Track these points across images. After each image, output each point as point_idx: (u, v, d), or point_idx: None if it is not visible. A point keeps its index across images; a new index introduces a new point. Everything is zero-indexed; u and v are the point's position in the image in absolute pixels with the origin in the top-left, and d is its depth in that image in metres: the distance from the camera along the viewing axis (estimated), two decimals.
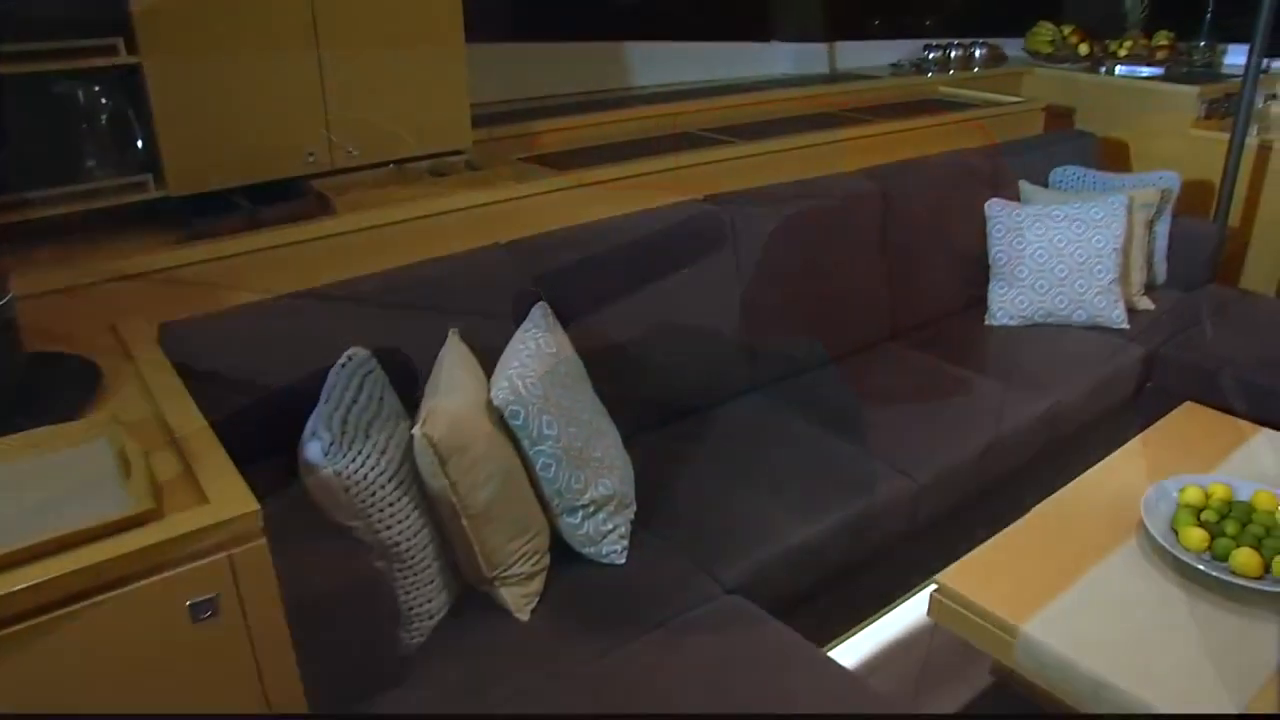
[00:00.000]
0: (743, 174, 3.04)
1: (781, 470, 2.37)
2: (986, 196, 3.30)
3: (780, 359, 2.85)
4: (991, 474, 2.62)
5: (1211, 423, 2.65)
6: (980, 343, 3.11)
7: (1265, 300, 3.71)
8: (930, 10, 4.97)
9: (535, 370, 2.01)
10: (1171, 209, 3.55)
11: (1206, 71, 4.91)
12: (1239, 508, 2.13)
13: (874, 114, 3.68)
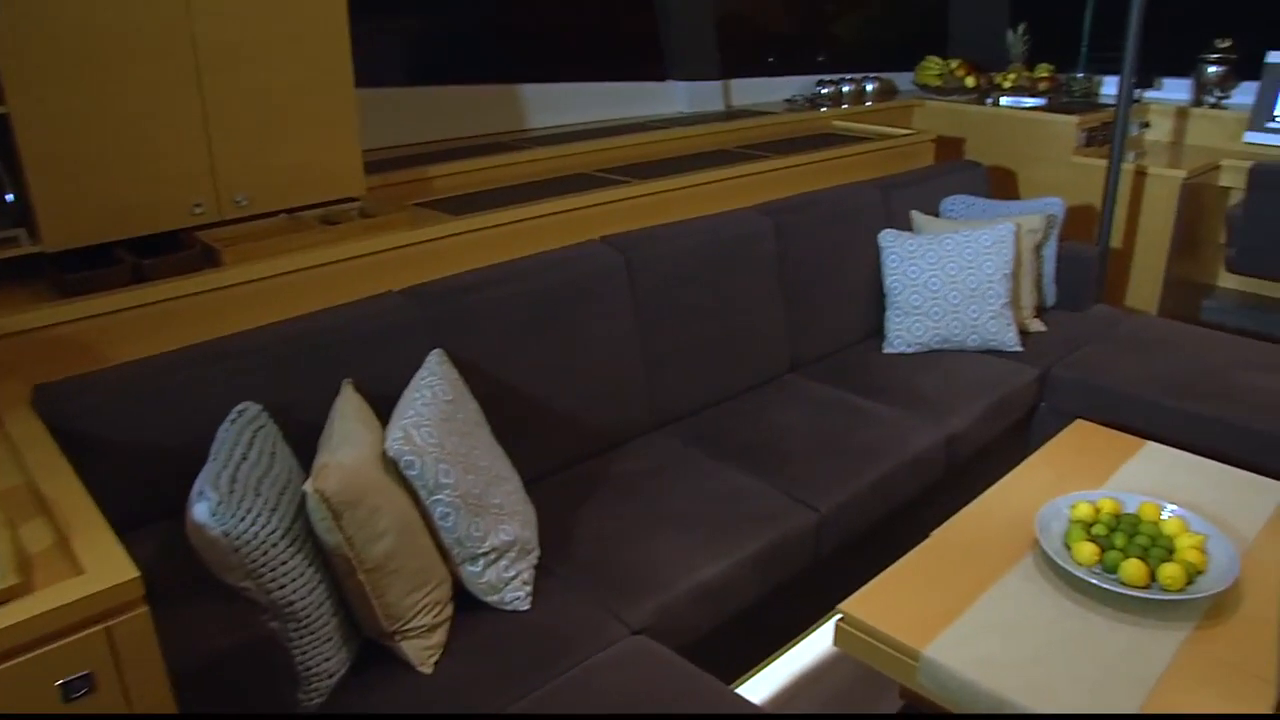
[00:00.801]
0: (640, 213, 3.06)
1: (685, 509, 2.38)
2: (880, 227, 3.37)
3: (682, 397, 2.86)
4: (893, 501, 2.66)
5: (1101, 439, 2.73)
6: (879, 371, 3.16)
7: (1148, 318, 3.85)
8: (822, 47, 5.10)
9: (431, 418, 1.99)
10: (1058, 234, 3.67)
11: (1085, 101, 5.11)
12: (1127, 520, 2.19)
13: (769, 149, 3.74)
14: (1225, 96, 5.18)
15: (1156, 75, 5.41)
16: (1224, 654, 1.89)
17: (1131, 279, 4.51)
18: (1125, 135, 4.17)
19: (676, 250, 2.84)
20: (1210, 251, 4.72)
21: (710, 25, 4.19)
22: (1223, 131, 4.99)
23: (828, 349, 3.30)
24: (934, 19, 5.62)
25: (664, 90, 4.16)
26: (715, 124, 3.92)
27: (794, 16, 5.13)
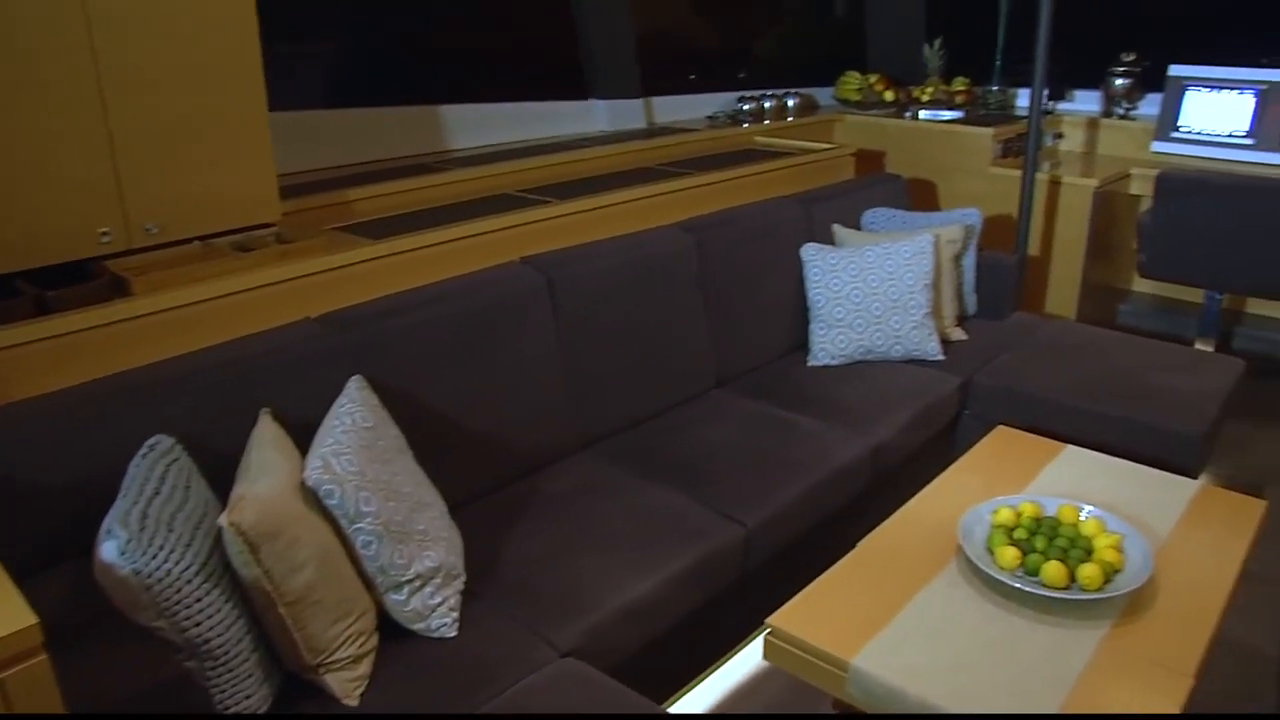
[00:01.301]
0: (562, 233, 3.06)
1: (613, 528, 2.37)
2: (802, 241, 3.41)
3: (608, 416, 2.86)
4: (821, 513, 2.68)
5: (1022, 444, 2.78)
6: (804, 384, 3.19)
7: (1066, 324, 3.93)
8: (744, 63, 5.15)
9: (351, 446, 1.96)
10: (976, 243, 3.74)
11: (1001, 113, 5.24)
12: (1047, 523, 2.23)
13: (692, 166, 3.77)
14: (1133, 108, 5.34)
15: (1068, 87, 5.56)
16: (1140, 649, 1.94)
17: (1050, 286, 4.61)
18: (1039, 146, 4.28)
19: (598, 270, 2.84)
20: (1124, 258, 4.85)
21: (630, 44, 4.21)
22: (1132, 141, 5.14)
23: (753, 364, 3.32)
24: (852, 35, 5.72)
25: (586, 109, 4.17)
26: (637, 142, 3.94)
27: (715, 34, 5.18)
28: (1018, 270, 3.91)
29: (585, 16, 4.03)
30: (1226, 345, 4.83)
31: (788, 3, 5.68)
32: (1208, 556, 2.24)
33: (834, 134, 4.96)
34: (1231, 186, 4.12)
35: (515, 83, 4.01)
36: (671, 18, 4.91)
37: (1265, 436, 4.10)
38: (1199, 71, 4.92)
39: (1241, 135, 4.76)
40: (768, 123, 4.62)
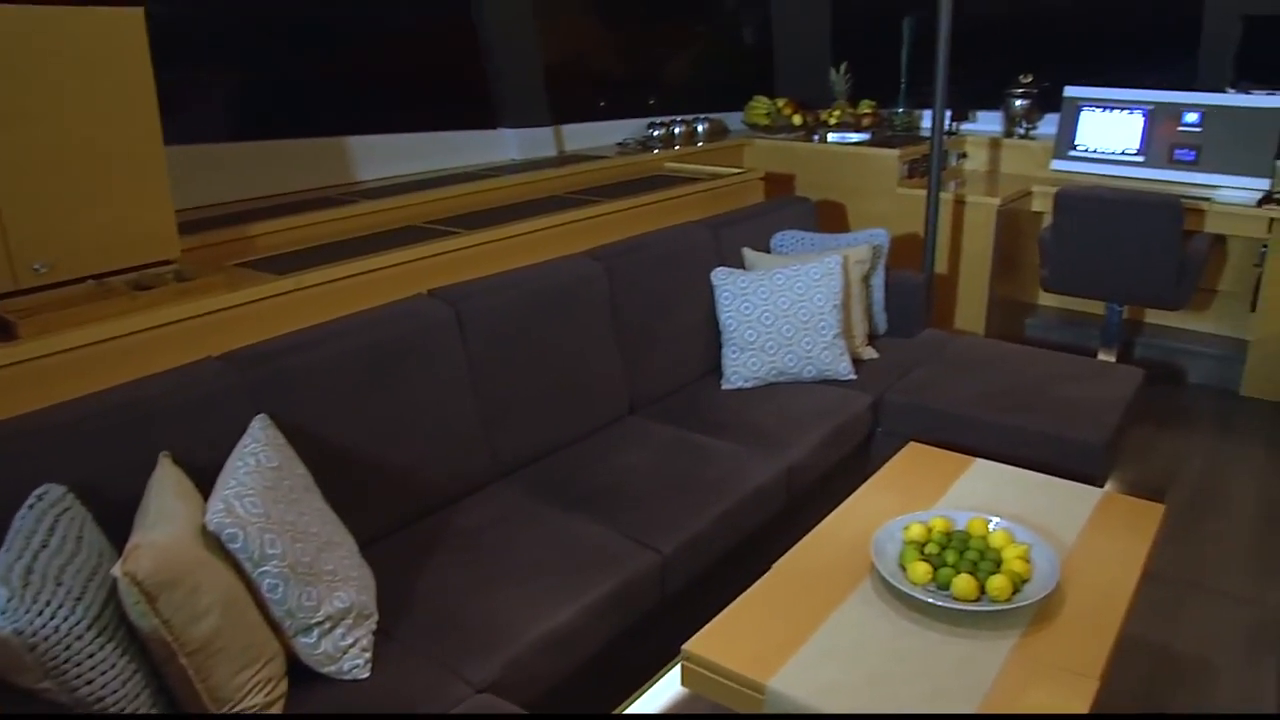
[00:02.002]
0: (471, 264, 3.04)
1: (528, 559, 2.35)
2: (713, 265, 3.43)
3: (521, 446, 2.83)
4: (737, 535, 2.69)
5: (932, 459, 2.82)
6: (718, 408, 3.20)
7: (974, 339, 4.02)
8: (653, 90, 5.20)
9: (255, 487, 1.91)
10: (884, 263, 3.80)
11: (907, 135, 5.36)
12: (957, 537, 2.27)
13: (602, 194, 3.78)
14: (1033, 127, 5.51)
15: (971, 109, 5.71)
16: (1049, 655, 1.97)
17: (958, 302, 4.72)
18: (942, 167, 4.38)
19: (507, 300, 2.82)
20: (1029, 273, 4.98)
21: (539, 72, 4.22)
22: (1032, 160, 5.30)
23: (667, 389, 3.33)
24: (760, 60, 5.81)
25: (495, 138, 4.17)
26: (547, 170, 3.94)
27: (624, 61, 5.23)
28: (925, 288, 3.99)
29: (493, 45, 4.03)
30: (1128, 354, 4.99)
31: (697, 29, 5.75)
32: (1111, 562, 2.30)
33: (744, 158, 5.03)
34: (1123, 202, 4.27)
35: (423, 112, 3.98)
36: (580, 45, 4.94)
37: (1166, 441, 4.23)
38: (1092, 92, 5.10)
39: (1133, 153, 4.94)
40: (678, 148, 4.66)
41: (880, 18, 6.06)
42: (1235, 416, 4.56)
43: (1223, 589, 3.18)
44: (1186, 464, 4.04)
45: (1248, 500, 3.76)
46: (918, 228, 4.41)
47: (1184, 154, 4.84)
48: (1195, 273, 4.32)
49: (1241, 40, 5.15)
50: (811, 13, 5.70)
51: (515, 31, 4.06)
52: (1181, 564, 3.29)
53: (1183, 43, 5.29)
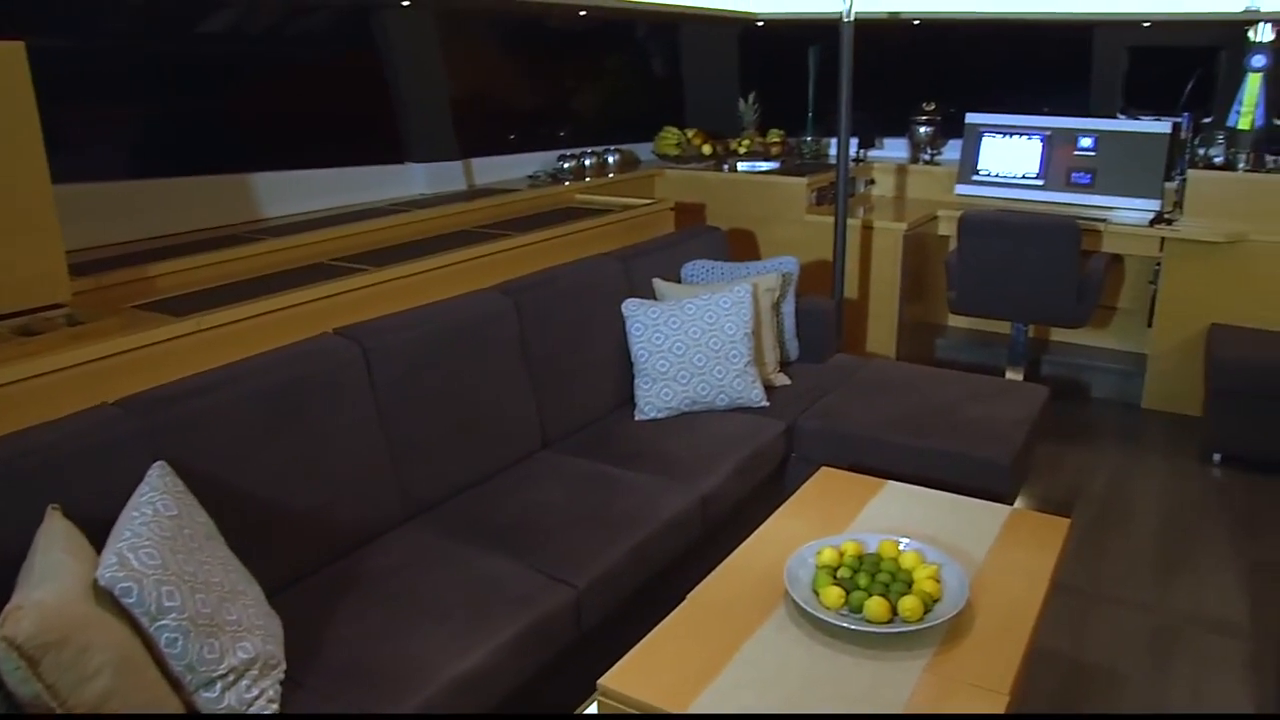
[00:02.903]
0: (379, 301, 3.01)
1: (440, 600, 2.30)
2: (623, 297, 3.43)
3: (433, 485, 2.79)
4: (652, 567, 2.68)
5: (844, 483, 2.85)
6: (632, 439, 3.20)
7: (885, 362, 4.08)
8: (564, 122, 5.22)
9: (152, 538, 1.85)
10: (794, 290, 3.85)
11: (816, 162, 5.45)
12: (869, 560, 2.29)
13: (512, 227, 3.77)
14: (938, 153, 5.66)
15: (878, 136, 5.85)
16: (960, 673, 2.00)
17: (869, 326, 4.80)
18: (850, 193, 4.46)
19: (415, 337, 2.79)
20: (938, 295, 5.09)
21: (446, 106, 4.21)
22: (938, 185, 5.44)
23: (580, 422, 3.32)
24: (670, 91, 5.87)
25: (403, 173, 4.14)
26: (457, 204, 3.92)
27: (534, 93, 5.24)
28: (835, 314, 4.05)
29: (399, 80, 4.00)
30: (1035, 372, 5.12)
31: (607, 61, 5.79)
32: (1019, 577, 2.34)
33: (655, 189, 5.06)
34: (1023, 224, 4.40)
35: (329, 148, 3.94)
36: (489, 78, 4.94)
37: (1073, 456, 4.33)
38: (993, 119, 5.26)
39: (1033, 177, 5.10)
40: (589, 180, 4.68)
41: (787, 48, 6.17)
42: (1137, 429, 4.70)
43: (1128, 598, 3.26)
44: (1092, 477, 4.14)
45: (1150, 510, 3.87)
46: (827, 254, 4.47)
47: (1080, 177, 5.01)
48: (1095, 291, 4.46)
49: (1128, 69, 5.37)
50: (719, 44, 5.78)
51: (421, 65, 4.04)
52: (1089, 576, 3.37)
53: (1076, 71, 5.49)
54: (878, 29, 5.31)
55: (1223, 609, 3.20)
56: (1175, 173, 4.80)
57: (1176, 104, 5.13)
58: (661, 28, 5.69)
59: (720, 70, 5.86)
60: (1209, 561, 3.48)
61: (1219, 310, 4.53)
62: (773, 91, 5.85)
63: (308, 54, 3.99)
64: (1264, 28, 4.46)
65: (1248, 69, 4.53)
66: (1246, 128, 4.59)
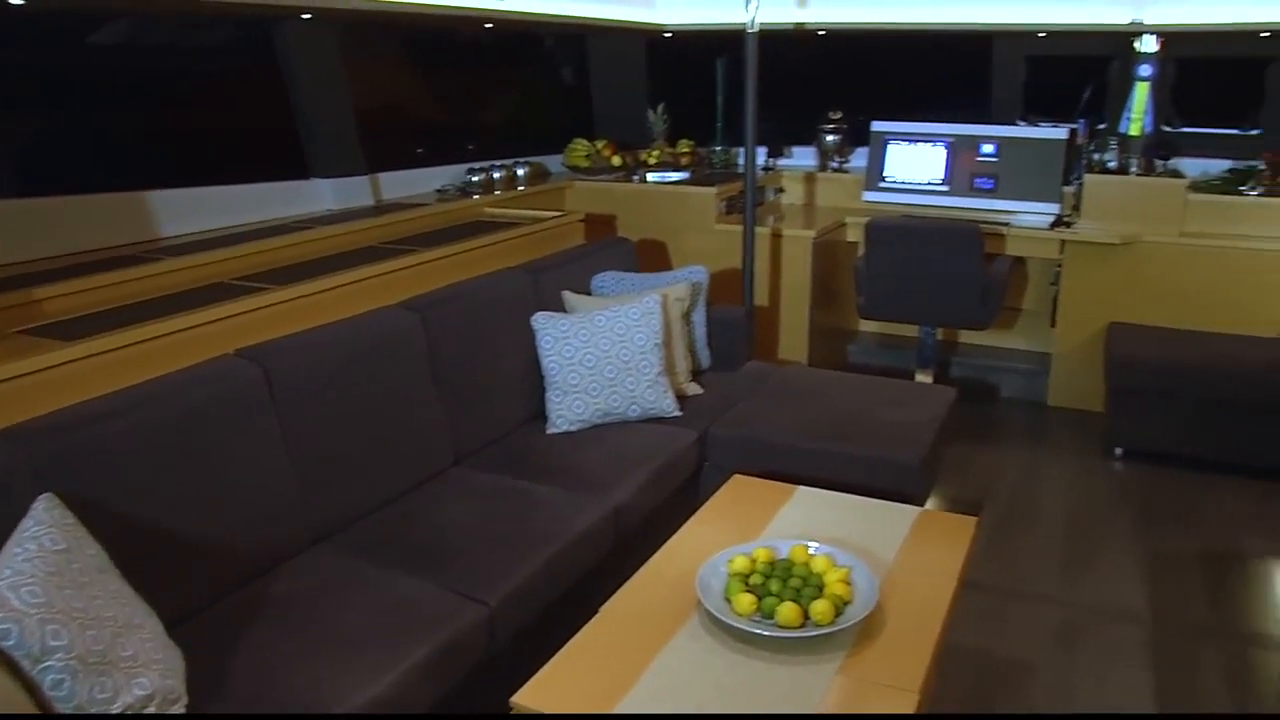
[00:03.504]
0: (283, 320, 2.94)
1: (349, 624, 2.26)
2: (533, 310, 3.41)
3: (342, 506, 2.73)
4: (566, 581, 2.66)
5: (757, 490, 2.87)
6: (544, 453, 3.18)
7: (798, 368, 4.13)
8: (473, 135, 5.18)
9: (36, 575, 1.78)
10: (704, 299, 3.87)
11: (726, 172, 5.49)
12: (780, 565, 2.30)
13: (421, 242, 3.73)
14: (845, 161, 5.75)
15: (787, 145, 5.91)
16: (871, 673, 2.03)
17: (781, 333, 4.84)
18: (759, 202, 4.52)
19: (320, 357, 2.73)
20: (848, 301, 5.16)
21: (351, 120, 4.14)
22: (845, 192, 5.52)
23: (492, 437, 3.28)
24: (579, 102, 5.87)
25: (309, 189, 4.06)
26: (364, 220, 3.86)
27: (442, 107, 5.19)
28: (746, 322, 4.07)
29: (300, 94, 3.92)
30: (945, 374, 5.22)
31: (516, 73, 5.77)
32: (928, 576, 2.38)
33: (565, 201, 5.06)
34: (927, 230, 4.49)
35: (230, 164, 3.85)
36: (395, 93, 4.88)
37: (983, 455, 4.43)
38: (898, 127, 5.36)
39: (938, 183, 5.20)
40: (498, 193, 4.65)
41: (695, 59, 6.22)
42: (1043, 427, 4.83)
43: (1036, 592, 3.34)
44: (1001, 475, 4.24)
45: (1056, 506, 3.97)
46: (738, 262, 4.51)
47: (983, 182, 5.12)
48: (999, 294, 4.57)
49: (1027, 78, 5.53)
50: (628, 55, 5.80)
51: (325, 79, 3.97)
52: (999, 572, 3.45)
53: (977, 80, 5.63)
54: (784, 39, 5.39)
55: (1125, 599, 3.29)
56: (1073, 177, 4.94)
57: (1073, 111, 5.29)
58: (569, 39, 5.69)
59: (629, 81, 5.88)
60: (1112, 553, 3.58)
61: (1117, 309, 4.68)
62: (682, 102, 5.89)
63: (206, 68, 3.90)
64: (1148, 39, 4.63)
65: (1136, 78, 4.70)
66: (1137, 134, 4.75)
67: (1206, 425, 4.19)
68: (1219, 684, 2.86)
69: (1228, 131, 5.31)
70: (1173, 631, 3.12)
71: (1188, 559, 3.54)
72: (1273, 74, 5.02)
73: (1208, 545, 3.65)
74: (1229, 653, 3.01)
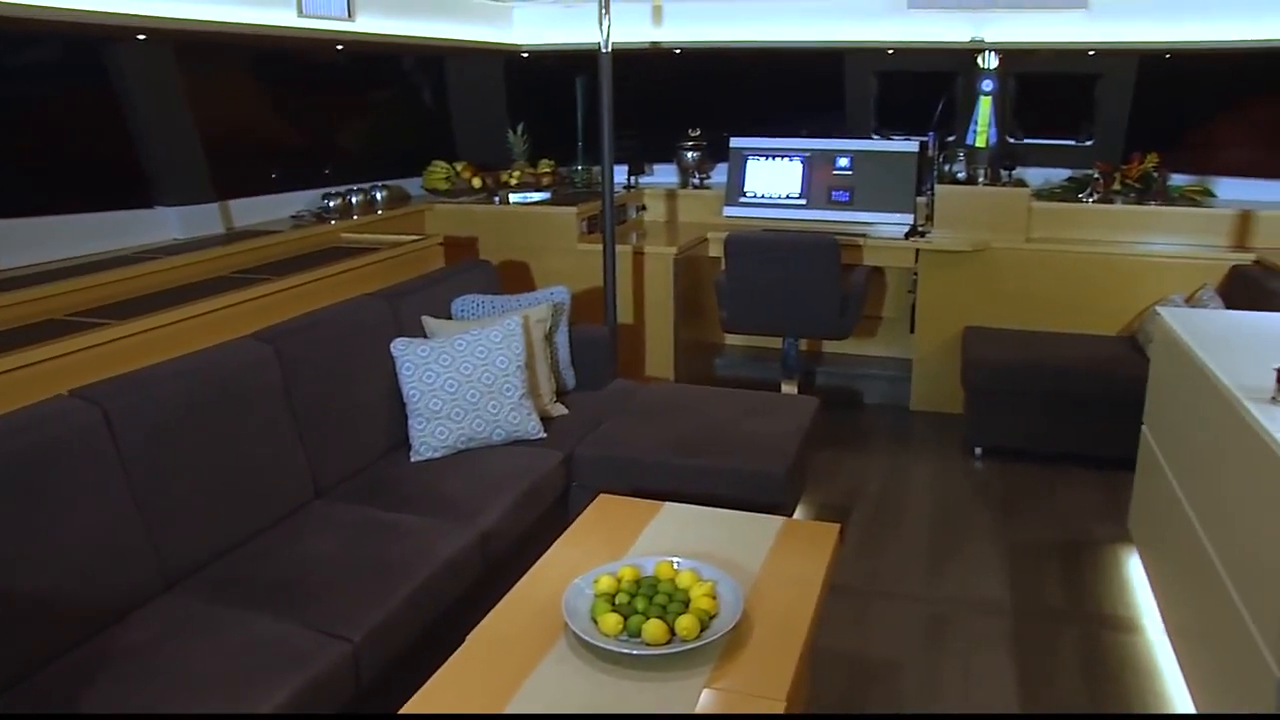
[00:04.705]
0: (126, 357, 2.80)
1: (204, 671, 2.16)
2: (392, 336, 3.34)
3: (194, 548, 2.61)
4: (433, 611, 2.61)
5: (623, 509, 2.86)
6: (408, 482, 3.12)
7: (664, 385, 4.16)
8: (329, 159, 5.06)
9: None
10: (567, 319, 3.86)
11: (589, 191, 5.50)
12: (646, 583, 2.30)
13: (275, 271, 3.61)
14: (706, 177, 5.83)
15: (648, 162, 5.96)
16: (738, 685, 2.04)
17: (647, 351, 4.87)
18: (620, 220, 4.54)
19: (165, 394, 2.62)
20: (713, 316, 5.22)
21: (197, 145, 3.98)
22: (707, 208, 5.60)
23: (354, 467, 3.20)
24: (438, 124, 5.80)
25: (152, 217, 3.88)
26: (213, 249, 3.72)
27: (296, 130, 5.05)
28: (610, 340, 4.08)
29: (140, 118, 3.75)
30: (811, 384, 5.33)
31: (373, 96, 5.67)
32: (793, 585, 2.40)
33: (425, 224, 4.98)
34: (785, 243, 4.58)
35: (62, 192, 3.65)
36: (246, 116, 4.72)
37: (849, 461, 4.53)
38: (756, 143, 5.47)
39: (796, 196, 5.33)
40: (356, 218, 4.56)
41: (554, 79, 6.23)
42: (907, 430, 4.97)
43: (904, 591, 3.43)
44: (867, 480, 4.34)
45: (921, 507, 4.09)
46: (600, 281, 4.52)
47: (840, 195, 5.27)
48: (858, 304, 4.69)
49: (878, 93, 5.72)
50: (486, 76, 5.77)
51: (165, 103, 3.80)
52: (867, 574, 3.52)
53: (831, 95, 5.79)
54: (642, 58, 5.44)
55: (987, 591, 3.41)
56: (925, 188, 5.11)
57: (924, 124, 5.49)
58: (427, 61, 5.62)
59: (488, 102, 5.84)
60: (973, 548, 3.71)
61: (971, 314, 4.86)
62: (542, 122, 5.88)
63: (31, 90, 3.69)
64: (989, 55, 4.84)
65: (979, 93, 4.90)
66: (983, 145, 4.96)
67: (1056, 421, 4.38)
68: (1075, 665, 3.00)
69: (1065, 143, 5.60)
70: (1032, 619, 3.24)
71: (1044, 549, 3.70)
72: (1102, 89, 5.32)
73: (1061, 534, 3.82)
74: (1083, 634, 3.16)
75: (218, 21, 3.55)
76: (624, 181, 5.70)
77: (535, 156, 5.64)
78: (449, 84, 5.69)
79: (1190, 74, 5.33)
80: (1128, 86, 5.22)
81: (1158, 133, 5.26)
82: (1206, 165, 5.24)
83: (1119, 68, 5.18)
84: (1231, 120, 5.43)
